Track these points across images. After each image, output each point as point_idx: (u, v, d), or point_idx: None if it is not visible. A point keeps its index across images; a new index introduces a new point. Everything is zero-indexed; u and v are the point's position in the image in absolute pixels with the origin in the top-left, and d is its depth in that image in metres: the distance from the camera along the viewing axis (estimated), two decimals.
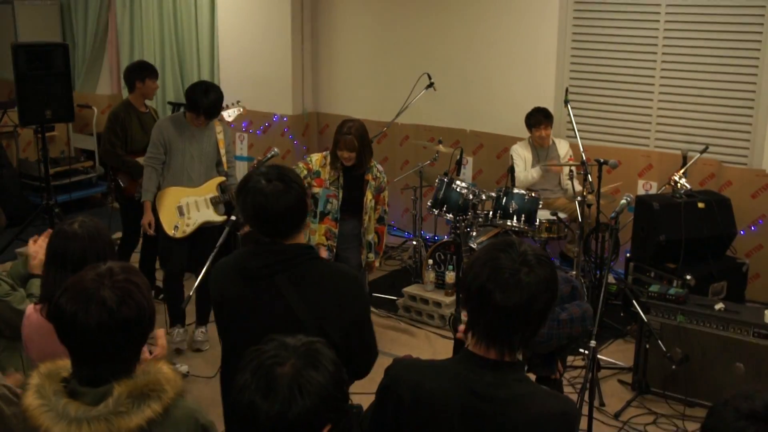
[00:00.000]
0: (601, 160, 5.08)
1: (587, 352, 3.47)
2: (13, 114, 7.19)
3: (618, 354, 5.01)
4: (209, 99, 4.78)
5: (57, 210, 6.51)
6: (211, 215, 5.02)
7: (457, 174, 6.09)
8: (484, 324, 1.82)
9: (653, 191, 5.92)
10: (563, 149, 6.04)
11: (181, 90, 7.67)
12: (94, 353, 1.77)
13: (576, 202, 5.21)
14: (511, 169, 6.21)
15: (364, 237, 4.61)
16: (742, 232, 5.53)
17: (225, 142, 5.07)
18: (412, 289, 5.63)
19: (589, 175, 5.18)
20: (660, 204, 5.15)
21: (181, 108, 5.01)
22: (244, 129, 7.78)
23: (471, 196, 5.57)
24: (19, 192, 7.67)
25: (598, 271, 5.31)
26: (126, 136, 5.47)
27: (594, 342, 3.40)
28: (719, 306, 4.31)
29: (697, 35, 5.77)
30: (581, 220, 5.15)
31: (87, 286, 1.78)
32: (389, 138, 7.07)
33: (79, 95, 8.38)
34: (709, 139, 5.76)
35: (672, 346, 4.33)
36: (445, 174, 5.86)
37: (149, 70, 5.64)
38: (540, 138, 5.91)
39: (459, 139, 6.80)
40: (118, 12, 8.47)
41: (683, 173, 5.42)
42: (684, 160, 5.63)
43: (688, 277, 4.89)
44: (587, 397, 3.49)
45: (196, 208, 4.98)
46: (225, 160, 5.08)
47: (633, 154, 6.09)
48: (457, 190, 5.61)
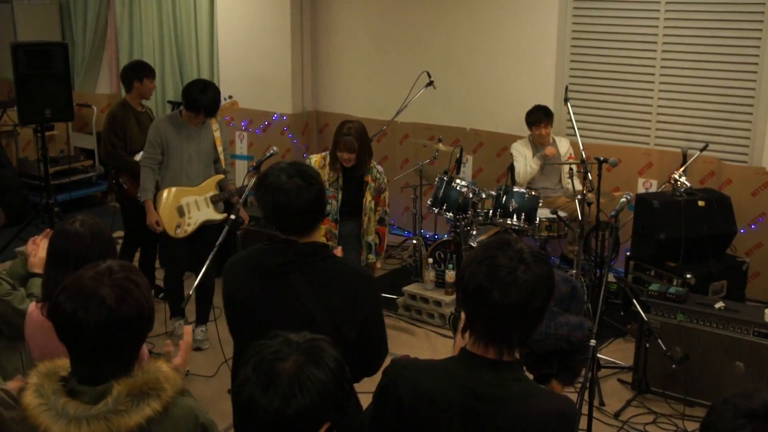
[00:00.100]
0: (601, 158, 5.07)
1: (587, 351, 3.46)
2: (13, 113, 7.19)
3: (618, 353, 5.01)
4: (208, 97, 4.79)
5: (57, 209, 6.50)
6: (212, 214, 5.04)
7: (457, 172, 6.08)
8: (482, 323, 1.82)
9: (653, 189, 5.91)
10: (564, 147, 6.04)
11: (181, 89, 7.65)
12: (93, 352, 1.77)
13: (576, 200, 5.21)
14: (511, 168, 6.20)
15: (363, 238, 4.58)
16: (742, 230, 5.53)
17: (222, 139, 5.08)
18: (412, 288, 5.63)
19: (589, 174, 5.18)
20: (660, 202, 5.15)
21: (180, 107, 4.99)
22: (243, 128, 7.78)
23: (471, 194, 5.57)
24: (19, 191, 7.67)
25: (598, 270, 5.30)
26: (125, 136, 5.48)
27: (594, 341, 3.39)
28: (719, 305, 4.30)
29: (697, 33, 5.76)
30: (581, 218, 5.15)
31: (86, 284, 1.77)
32: (389, 136, 7.07)
33: (79, 94, 8.38)
34: (709, 137, 5.76)
35: (672, 345, 4.32)
36: (445, 172, 5.86)
37: (147, 69, 5.64)
38: (540, 136, 5.91)
39: (459, 138, 6.80)
40: (117, 11, 8.47)
41: (683, 171, 5.42)
42: (684, 158, 5.63)
43: (688, 276, 4.89)
44: (587, 397, 3.49)
45: (196, 207, 4.99)
46: (222, 157, 5.09)
47: (633, 152, 6.09)
48: (457, 188, 5.61)
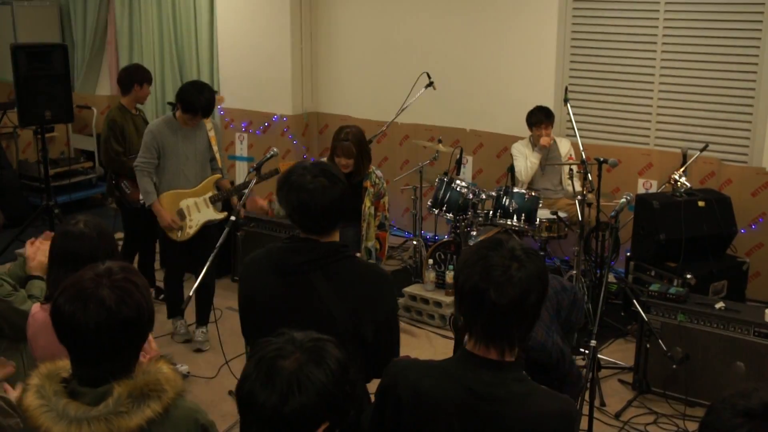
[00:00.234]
0: (601, 158, 5.07)
1: (588, 351, 3.46)
2: (13, 115, 7.19)
3: (618, 353, 5.00)
4: (205, 98, 4.82)
5: (57, 211, 6.50)
6: (212, 214, 5.06)
7: (457, 173, 6.09)
8: (481, 324, 1.82)
9: (653, 190, 5.91)
10: (564, 148, 6.03)
11: None
12: (93, 353, 1.77)
13: (576, 201, 5.21)
14: (511, 168, 6.20)
15: (363, 244, 4.54)
16: (742, 230, 5.52)
17: (216, 138, 5.11)
18: (412, 289, 5.63)
19: (589, 174, 5.18)
20: (660, 203, 5.15)
21: (176, 109, 4.98)
22: (243, 129, 7.78)
23: (471, 195, 5.57)
24: (19, 193, 7.67)
25: (598, 270, 5.30)
26: (125, 140, 5.52)
27: (594, 341, 3.40)
28: (720, 305, 4.30)
29: (697, 33, 5.76)
30: (581, 219, 5.15)
31: (86, 285, 1.77)
32: (389, 138, 7.07)
33: (79, 96, 8.38)
34: (709, 138, 5.76)
35: (672, 345, 4.32)
36: (445, 173, 5.86)
37: (148, 74, 5.72)
38: (540, 137, 5.90)
39: (459, 139, 6.80)
40: (117, 12, 8.47)
41: (683, 172, 5.41)
42: (684, 158, 5.62)
43: (688, 276, 4.88)
44: (588, 397, 3.48)
45: (196, 208, 5.01)
46: (219, 156, 5.12)
47: (633, 152, 6.09)
48: (457, 189, 5.61)
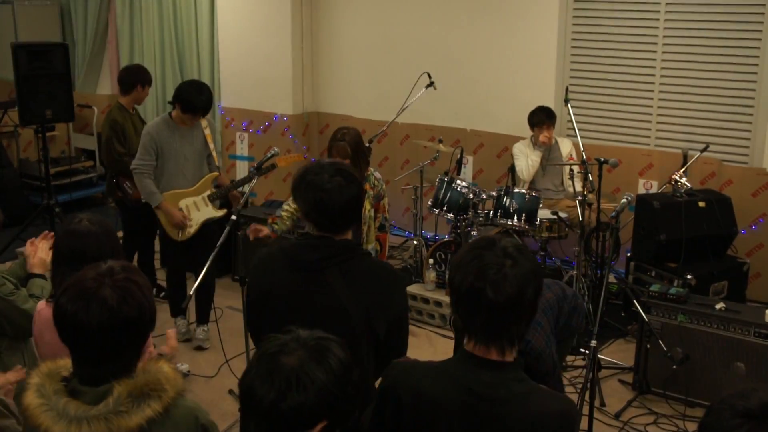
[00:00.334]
0: (602, 159, 5.07)
1: (588, 351, 3.46)
2: (14, 114, 7.20)
3: (619, 354, 5.01)
4: (205, 96, 4.85)
5: (57, 210, 6.50)
6: (211, 212, 5.09)
7: (458, 173, 6.09)
8: (480, 324, 1.82)
9: (654, 190, 5.91)
10: (566, 148, 6.01)
11: None
12: (94, 352, 1.77)
13: (576, 201, 5.21)
14: (512, 168, 6.20)
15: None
16: (742, 231, 5.53)
17: (213, 136, 5.13)
18: (412, 289, 5.63)
19: (590, 174, 5.18)
20: (660, 203, 5.15)
21: (172, 110, 5.00)
22: (244, 128, 7.79)
23: (471, 195, 5.57)
24: (20, 192, 7.68)
25: (598, 271, 5.30)
26: (126, 140, 5.54)
27: (595, 342, 3.40)
28: (720, 305, 4.30)
29: (697, 34, 5.76)
30: (581, 219, 5.15)
31: (87, 285, 1.77)
32: (389, 137, 7.08)
33: (79, 95, 8.38)
34: (710, 138, 5.76)
35: (673, 345, 4.32)
36: (446, 173, 5.86)
37: (150, 76, 5.75)
38: (542, 137, 5.88)
39: (459, 139, 6.80)
40: (117, 12, 8.48)
41: (684, 172, 5.41)
42: (684, 159, 5.62)
43: (688, 277, 4.88)
44: (588, 397, 3.48)
45: (195, 208, 5.02)
46: (215, 154, 5.14)
47: (633, 153, 6.09)
48: (458, 189, 5.61)
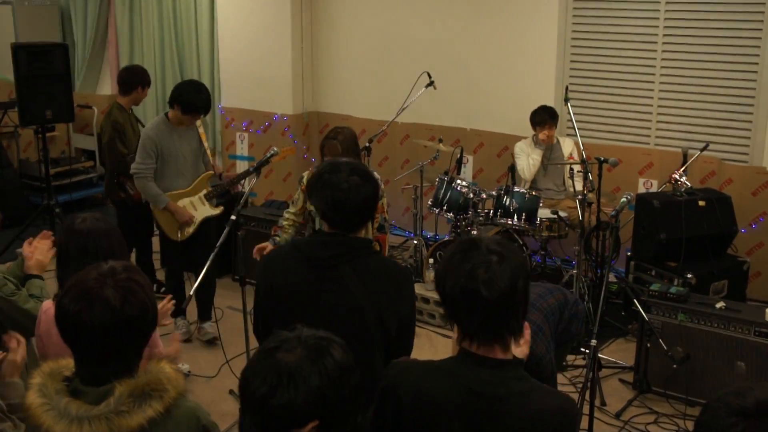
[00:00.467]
0: (602, 158, 5.07)
1: (588, 351, 3.46)
2: (14, 114, 7.20)
3: (619, 353, 5.01)
4: (205, 96, 4.87)
5: (58, 210, 6.51)
6: (209, 210, 5.12)
7: (458, 173, 6.09)
8: (478, 324, 1.83)
9: (654, 189, 5.91)
10: (568, 148, 5.99)
11: None
12: (97, 352, 1.77)
13: (576, 200, 5.20)
14: (512, 168, 6.20)
15: None
16: (742, 230, 5.52)
17: (206, 134, 5.17)
18: None
19: (590, 174, 5.18)
20: (660, 202, 5.14)
21: (168, 111, 5.02)
22: (244, 128, 7.79)
23: (471, 194, 5.57)
24: (20, 192, 7.68)
25: (598, 270, 5.30)
26: (126, 141, 5.58)
27: (595, 341, 3.39)
28: (720, 304, 4.30)
29: (697, 33, 5.76)
30: (582, 218, 5.15)
31: (90, 285, 1.77)
32: (389, 137, 7.07)
33: (79, 95, 8.38)
34: (710, 137, 5.76)
35: (673, 345, 4.32)
36: (446, 173, 5.86)
37: (149, 77, 5.78)
38: (544, 137, 5.86)
39: (459, 138, 6.80)
40: (117, 12, 8.47)
41: (684, 171, 5.41)
42: (684, 158, 5.62)
43: (689, 276, 4.88)
44: (588, 397, 3.48)
45: (193, 207, 5.05)
46: (209, 152, 5.19)
47: (633, 152, 6.09)
48: (458, 189, 5.61)
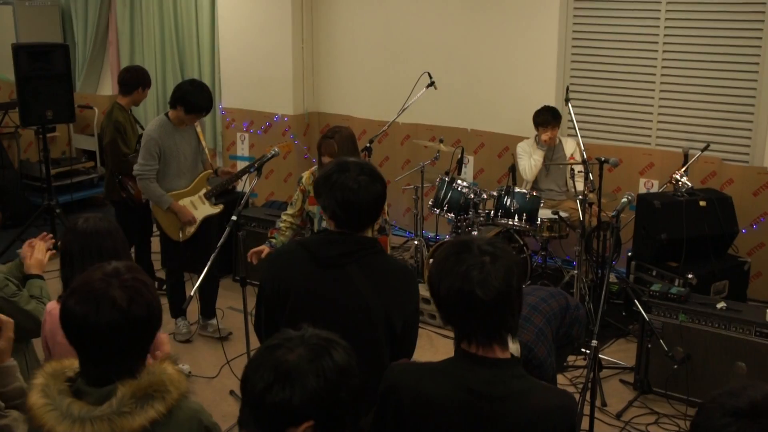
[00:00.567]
0: (602, 158, 5.07)
1: (589, 351, 3.46)
2: (14, 115, 7.19)
3: (620, 353, 5.01)
4: (208, 95, 4.90)
5: (58, 211, 6.51)
6: (209, 209, 5.14)
7: (458, 173, 6.09)
8: (476, 325, 1.83)
9: (654, 189, 5.91)
10: (570, 149, 5.97)
11: None
12: (103, 353, 1.78)
13: (577, 200, 5.20)
14: (512, 168, 6.20)
15: None
16: (743, 230, 5.52)
17: (203, 133, 5.19)
18: None
19: (590, 174, 5.17)
20: (661, 202, 5.14)
21: (168, 111, 5.04)
22: (245, 129, 7.79)
23: (472, 195, 5.57)
24: (21, 193, 7.68)
25: (599, 270, 5.30)
26: (127, 140, 5.60)
27: (596, 341, 3.39)
28: (721, 305, 4.30)
29: (698, 33, 5.76)
30: (582, 218, 5.15)
31: (96, 286, 1.78)
32: (390, 137, 7.08)
33: (80, 96, 8.38)
34: (711, 137, 5.76)
35: (674, 345, 4.32)
36: (447, 173, 5.86)
37: (150, 78, 5.80)
38: (547, 137, 5.84)
39: (460, 138, 6.80)
40: (118, 12, 8.48)
41: (684, 171, 5.41)
42: (685, 158, 5.62)
43: (689, 276, 4.88)
44: (589, 397, 3.48)
45: (193, 207, 5.06)
46: (206, 151, 5.20)
47: (634, 152, 6.09)
48: (459, 189, 5.61)
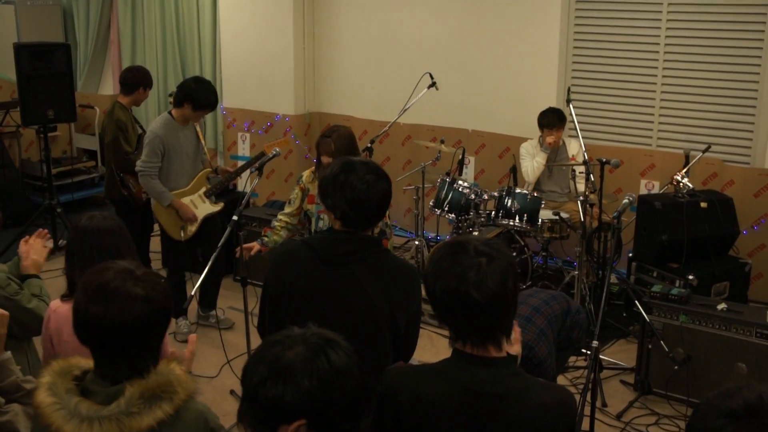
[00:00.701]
0: (604, 159, 5.05)
1: (589, 352, 3.45)
2: (16, 114, 7.20)
3: (620, 354, 5.01)
4: (214, 92, 4.93)
5: (59, 210, 6.51)
6: (209, 208, 5.15)
7: (459, 174, 6.09)
8: (471, 326, 1.83)
9: (655, 191, 5.91)
10: (574, 150, 5.94)
11: None
12: (124, 350, 1.78)
13: (578, 201, 5.20)
14: (513, 169, 6.20)
15: None
16: (744, 231, 5.52)
17: (203, 133, 5.23)
18: None
19: (591, 175, 5.17)
20: (662, 204, 5.14)
21: (171, 109, 5.05)
22: (246, 129, 7.79)
23: (473, 195, 5.57)
24: (22, 192, 7.68)
25: (600, 271, 5.30)
26: (129, 139, 5.60)
27: (596, 342, 3.39)
28: (722, 306, 4.30)
29: (699, 34, 5.76)
30: (583, 219, 5.14)
31: (115, 285, 1.78)
32: (391, 138, 7.07)
33: (81, 95, 8.39)
34: (712, 139, 5.75)
35: (674, 346, 4.32)
36: (447, 174, 5.86)
37: (152, 79, 5.82)
38: (551, 139, 5.82)
39: (461, 139, 6.80)
40: (119, 12, 8.48)
41: (685, 173, 5.40)
42: (686, 159, 5.61)
43: (690, 277, 4.88)
44: (589, 398, 3.48)
45: (193, 206, 5.07)
46: (206, 149, 5.22)
47: (635, 153, 6.09)
48: (460, 189, 5.61)
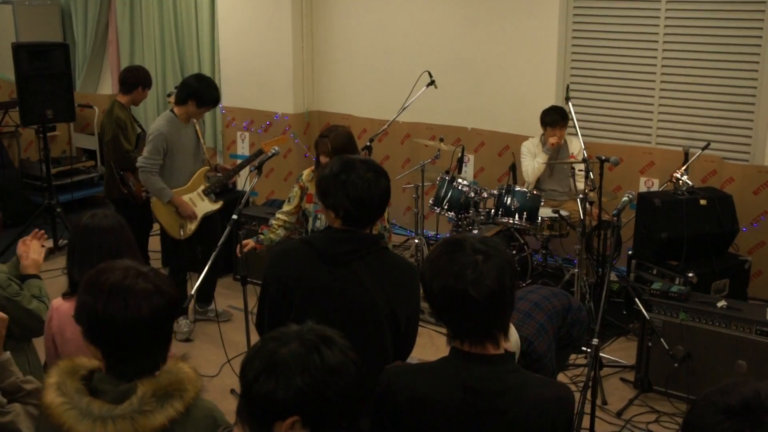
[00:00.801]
0: (603, 157, 5.06)
1: (589, 350, 3.46)
2: (15, 114, 7.19)
3: (620, 352, 5.01)
4: (216, 87, 4.96)
5: (59, 210, 6.51)
6: (208, 206, 5.16)
7: (459, 172, 6.09)
8: (470, 324, 1.83)
9: (655, 188, 5.91)
10: (575, 148, 5.92)
11: None
12: (139, 347, 1.79)
13: (578, 199, 5.20)
14: (513, 167, 6.20)
15: None
16: (744, 228, 5.52)
17: (201, 131, 5.22)
18: None
19: (591, 173, 5.17)
20: (662, 201, 5.14)
21: (173, 107, 5.06)
22: (245, 128, 7.79)
23: (472, 193, 5.57)
24: (21, 192, 7.68)
25: (600, 269, 5.30)
26: (128, 137, 5.62)
27: (596, 340, 3.39)
28: (721, 303, 4.30)
29: (698, 31, 5.76)
30: (583, 217, 5.15)
31: (126, 284, 1.78)
32: (390, 136, 7.07)
33: (80, 95, 8.38)
34: (711, 136, 5.75)
35: (674, 343, 4.32)
36: (447, 172, 5.86)
37: (151, 79, 5.84)
38: (553, 138, 5.81)
39: (460, 137, 6.80)
40: (118, 11, 8.47)
41: (685, 170, 5.40)
42: (686, 156, 5.61)
43: (690, 275, 4.88)
44: (589, 395, 3.48)
45: (192, 204, 5.06)
46: (204, 147, 5.24)
47: (635, 151, 6.09)
48: (459, 188, 5.61)
